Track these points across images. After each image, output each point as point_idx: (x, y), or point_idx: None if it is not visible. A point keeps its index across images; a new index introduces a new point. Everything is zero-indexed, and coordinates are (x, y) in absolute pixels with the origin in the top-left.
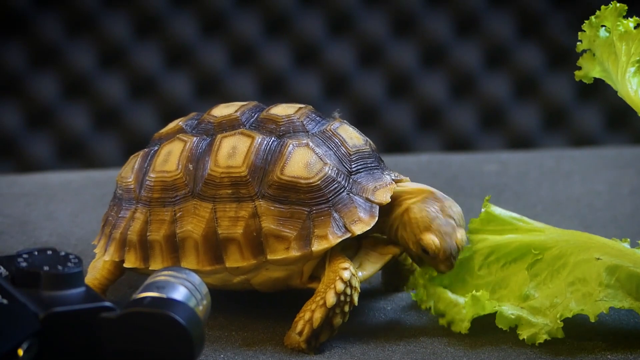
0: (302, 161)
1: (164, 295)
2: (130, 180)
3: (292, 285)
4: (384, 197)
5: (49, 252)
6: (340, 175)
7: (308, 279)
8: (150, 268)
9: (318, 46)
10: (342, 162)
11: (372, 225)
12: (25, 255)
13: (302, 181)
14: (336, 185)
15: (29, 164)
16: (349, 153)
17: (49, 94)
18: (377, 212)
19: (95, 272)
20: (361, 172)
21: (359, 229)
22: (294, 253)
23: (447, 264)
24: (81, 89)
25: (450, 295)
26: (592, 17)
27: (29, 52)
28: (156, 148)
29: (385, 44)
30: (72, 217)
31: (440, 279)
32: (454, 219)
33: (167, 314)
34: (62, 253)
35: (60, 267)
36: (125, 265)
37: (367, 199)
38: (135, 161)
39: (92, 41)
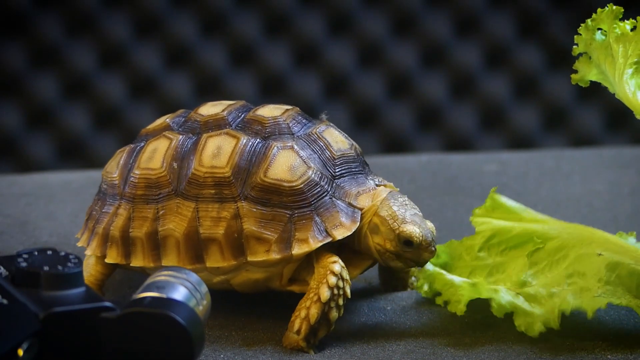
0: (286, 164)
1: (164, 295)
2: (115, 175)
3: (272, 287)
4: (366, 202)
5: (49, 252)
6: (324, 179)
7: (288, 282)
8: (131, 264)
9: (318, 46)
10: (326, 166)
11: (353, 230)
12: (25, 255)
13: (285, 184)
14: (319, 189)
15: (29, 164)
16: (333, 157)
17: (49, 94)
18: (359, 218)
19: (90, 268)
20: (345, 176)
21: (339, 234)
22: (274, 256)
23: (430, 250)
24: (81, 89)
25: (447, 275)
26: (588, 21)
27: (29, 52)
28: (142, 144)
29: (385, 44)
30: (72, 217)
31: (436, 258)
32: (417, 209)
33: (167, 314)
34: (62, 253)
35: (60, 267)
36: (107, 260)
37: (350, 204)
38: (120, 157)
39: (92, 41)
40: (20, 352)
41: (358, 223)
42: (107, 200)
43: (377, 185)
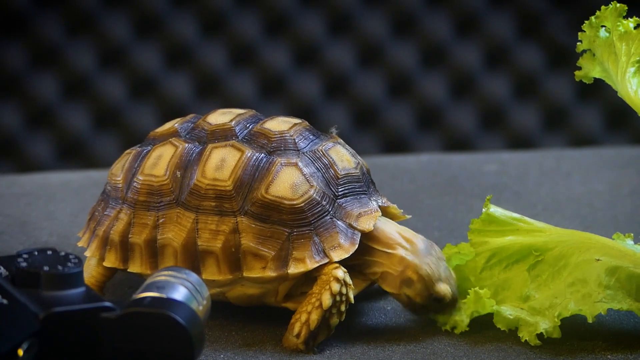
0: (288, 181)
1: (164, 295)
2: (119, 179)
3: (267, 303)
4: (367, 224)
5: (49, 252)
6: (325, 198)
7: (283, 298)
8: (128, 270)
9: (318, 46)
10: (329, 185)
11: (351, 252)
12: (25, 255)
13: (286, 202)
14: (320, 208)
15: (29, 164)
16: (337, 176)
17: (49, 94)
18: (358, 240)
19: (91, 269)
20: (348, 196)
21: (337, 256)
22: (270, 273)
23: (455, 306)
24: (81, 89)
25: None
26: (592, 18)
27: (29, 52)
28: (149, 149)
29: (385, 44)
30: (72, 217)
31: None
32: (444, 259)
33: (167, 314)
34: (62, 253)
35: (60, 267)
36: (105, 264)
37: (350, 225)
38: (126, 160)
39: (92, 41)
40: (20, 352)
41: (357, 245)
42: (109, 202)
43: (380, 206)
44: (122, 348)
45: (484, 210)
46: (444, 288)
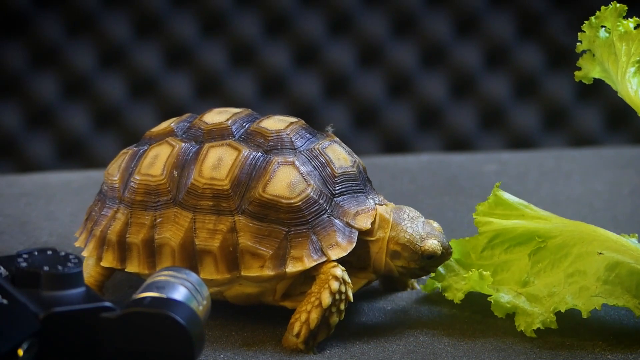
0: (286, 180)
1: (164, 295)
2: (115, 179)
3: (265, 302)
4: (364, 222)
5: (49, 252)
6: (323, 197)
7: (281, 297)
8: (126, 270)
9: (318, 46)
10: (326, 184)
11: (349, 250)
12: (25, 255)
13: (283, 201)
14: (317, 207)
15: (29, 164)
16: (334, 175)
17: (49, 94)
18: (356, 238)
19: (89, 269)
20: (345, 194)
21: (335, 254)
22: (268, 272)
23: (449, 253)
24: (81, 89)
25: (453, 263)
26: (592, 18)
27: (29, 52)
28: (145, 148)
29: (385, 44)
30: (72, 217)
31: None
32: (421, 215)
33: (167, 314)
34: (62, 253)
35: (60, 267)
36: (102, 264)
37: (347, 224)
38: (122, 159)
39: (92, 41)
40: (20, 352)
41: (354, 243)
42: (106, 202)
43: (377, 204)
44: (122, 348)
45: (492, 193)
46: (430, 244)
